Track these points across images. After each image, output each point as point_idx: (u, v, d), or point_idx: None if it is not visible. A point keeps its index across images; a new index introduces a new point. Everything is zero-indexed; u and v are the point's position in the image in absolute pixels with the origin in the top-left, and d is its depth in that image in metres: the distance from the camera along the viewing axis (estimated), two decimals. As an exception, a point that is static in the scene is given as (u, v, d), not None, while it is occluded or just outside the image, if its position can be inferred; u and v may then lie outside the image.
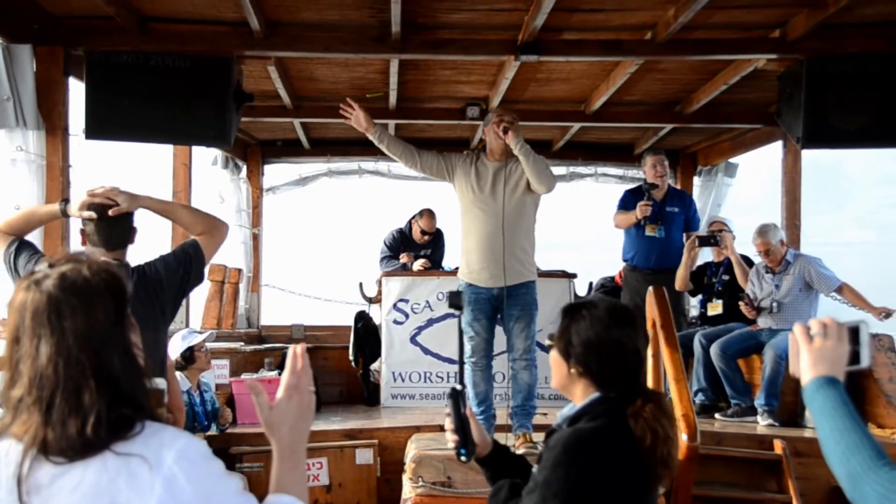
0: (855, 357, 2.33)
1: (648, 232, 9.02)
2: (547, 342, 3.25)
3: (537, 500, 2.86)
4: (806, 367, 2.19)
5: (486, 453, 3.31)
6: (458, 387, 3.15)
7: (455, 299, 6.74)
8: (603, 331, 3.04)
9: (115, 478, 1.84)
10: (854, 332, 2.35)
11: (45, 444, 1.86)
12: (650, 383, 7.42)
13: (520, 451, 6.67)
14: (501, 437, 6.86)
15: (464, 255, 6.88)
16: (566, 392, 3.15)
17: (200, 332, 7.26)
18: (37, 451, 1.86)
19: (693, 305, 9.60)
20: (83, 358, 1.89)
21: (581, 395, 3.08)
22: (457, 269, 9.41)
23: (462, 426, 3.12)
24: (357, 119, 6.75)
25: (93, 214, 4.51)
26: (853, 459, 2.04)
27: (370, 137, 6.87)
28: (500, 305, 6.77)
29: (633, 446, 2.92)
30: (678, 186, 11.40)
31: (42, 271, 1.97)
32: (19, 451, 1.87)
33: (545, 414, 7.50)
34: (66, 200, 4.54)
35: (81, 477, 1.84)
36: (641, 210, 8.92)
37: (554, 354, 3.13)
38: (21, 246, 4.40)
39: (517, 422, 6.85)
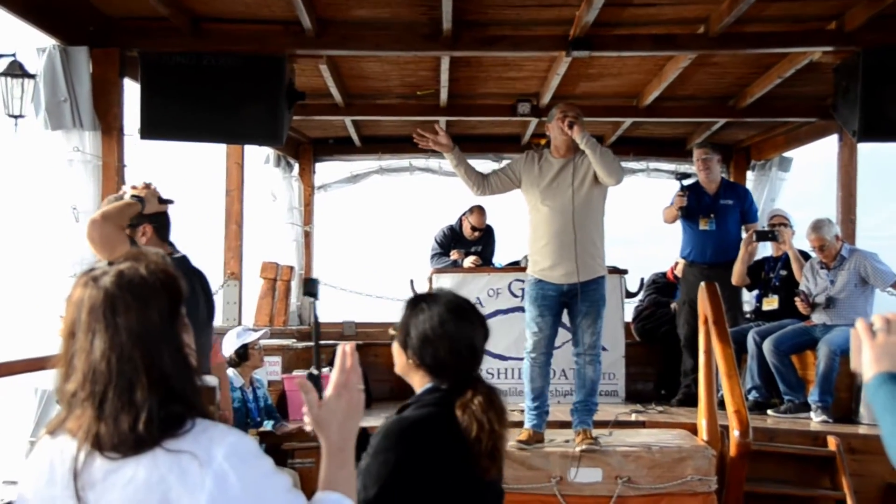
0: None
1: (702, 226, 9.03)
2: (390, 332, 3.36)
3: (359, 486, 2.93)
4: (868, 363, 2.16)
5: None
6: (315, 372, 3.29)
7: (309, 287, 6.79)
8: (438, 325, 3.15)
9: (167, 474, 1.87)
10: None
11: (99, 439, 1.89)
12: (702, 380, 7.43)
13: (580, 448, 6.69)
14: (557, 434, 6.91)
15: (533, 253, 6.84)
16: (407, 379, 3.27)
17: (255, 330, 7.34)
18: (90, 447, 1.90)
19: (747, 301, 9.57)
20: (136, 355, 1.93)
21: (419, 383, 3.21)
22: (511, 264, 9.49)
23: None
24: (438, 141, 6.74)
25: (166, 207, 4.67)
26: None
27: (448, 157, 6.83)
28: (569, 301, 6.73)
29: (458, 437, 3.00)
30: (731, 181, 11.34)
31: (101, 268, 2.01)
32: (74, 447, 1.92)
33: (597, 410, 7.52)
34: (136, 197, 4.49)
35: (134, 473, 1.88)
36: (676, 201, 8.96)
37: (395, 344, 3.26)
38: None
39: (578, 418, 6.82)
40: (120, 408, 1.89)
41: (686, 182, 9.27)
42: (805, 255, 8.72)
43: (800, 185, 11.75)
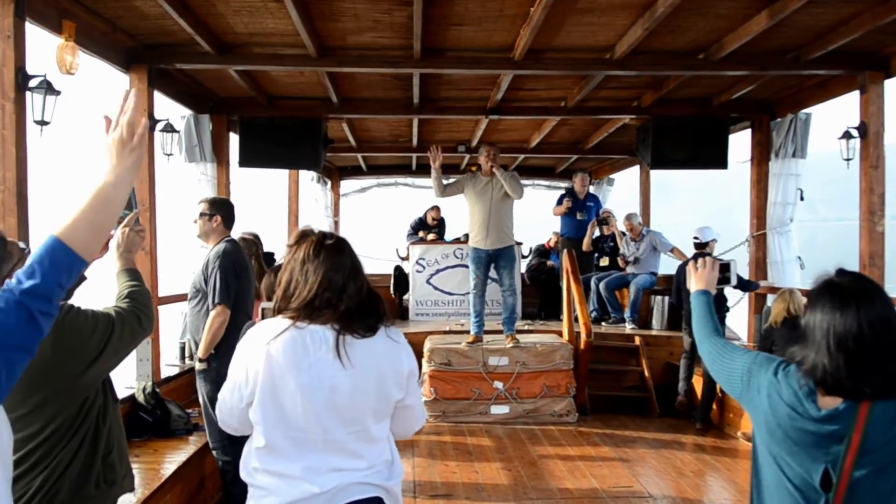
0: (726, 280, 2.52)
1: (579, 217, 9.16)
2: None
3: None
4: (693, 284, 2.33)
5: None
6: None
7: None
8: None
9: (386, 341, 2.00)
10: (726, 266, 2.52)
11: (349, 326, 1.94)
12: (565, 305, 7.53)
13: (510, 345, 6.74)
14: (489, 337, 6.92)
15: (471, 230, 6.83)
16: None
17: None
18: (344, 330, 1.94)
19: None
20: (355, 279, 2.00)
21: None
22: (455, 239, 9.50)
23: None
24: (436, 158, 6.58)
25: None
26: (702, 331, 2.17)
27: (435, 166, 6.65)
28: (493, 259, 6.73)
29: None
30: (591, 192, 11.43)
31: (309, 231, 2.07)
32: (326, 329, 1.94)
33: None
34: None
35: (370, 342, 1.97)
36: (564, 203, 9.13)
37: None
38: None
39: (506, 327, 6.89)
40: (354, 310, 1.96)
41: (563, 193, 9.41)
42: (622, 233, 8.85)
43: (619, 193, 11.88)
